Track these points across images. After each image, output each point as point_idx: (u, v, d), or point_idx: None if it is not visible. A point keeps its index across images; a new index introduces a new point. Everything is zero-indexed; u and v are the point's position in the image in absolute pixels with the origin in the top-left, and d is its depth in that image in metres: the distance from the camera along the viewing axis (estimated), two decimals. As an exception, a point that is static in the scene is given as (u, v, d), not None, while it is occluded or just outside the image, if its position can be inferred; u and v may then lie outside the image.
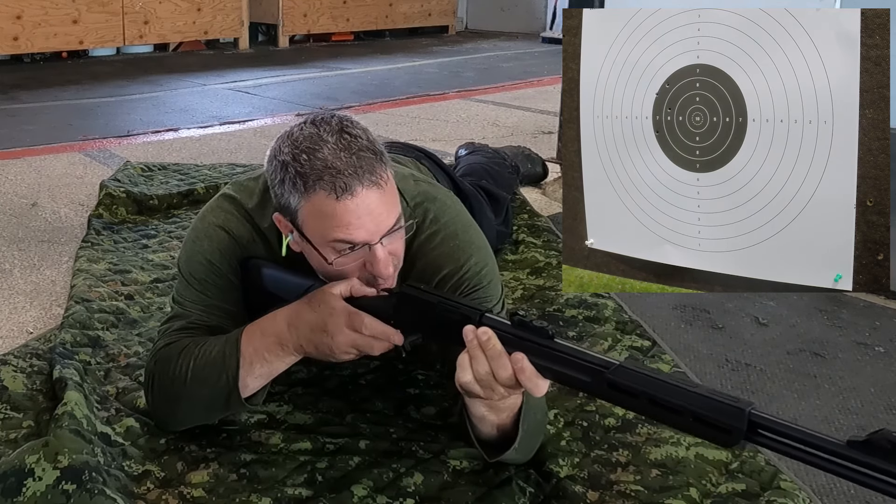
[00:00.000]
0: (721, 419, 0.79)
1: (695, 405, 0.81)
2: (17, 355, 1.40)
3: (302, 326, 1.07)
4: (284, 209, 1.07)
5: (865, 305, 1.72)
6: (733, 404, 0.79)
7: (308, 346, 1.07)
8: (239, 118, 3.59)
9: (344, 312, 1.04)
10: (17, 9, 4.68)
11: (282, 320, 1.09)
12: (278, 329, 1.09)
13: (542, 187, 2.54)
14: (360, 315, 1.04)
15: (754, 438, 0.78)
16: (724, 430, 0.79)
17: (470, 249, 1.18)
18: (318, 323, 1.05)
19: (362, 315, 1.03)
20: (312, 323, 1.06)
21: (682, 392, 0.82)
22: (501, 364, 0.93)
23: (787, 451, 0.76)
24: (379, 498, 1.07)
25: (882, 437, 0.70)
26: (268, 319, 1.11)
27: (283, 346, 1.08)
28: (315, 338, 1.06)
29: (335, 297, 1.05)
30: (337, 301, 1.05)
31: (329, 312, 1.04)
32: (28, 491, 0.98)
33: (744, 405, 0.78)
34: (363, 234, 1.03)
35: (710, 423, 0.80)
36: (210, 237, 1.18)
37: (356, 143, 1.04)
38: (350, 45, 6.39)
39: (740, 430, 0.78)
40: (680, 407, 0.82)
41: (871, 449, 0.70)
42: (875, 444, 0.70)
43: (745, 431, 0.77)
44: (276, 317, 1.10)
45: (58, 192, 2.44)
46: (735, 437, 0.78)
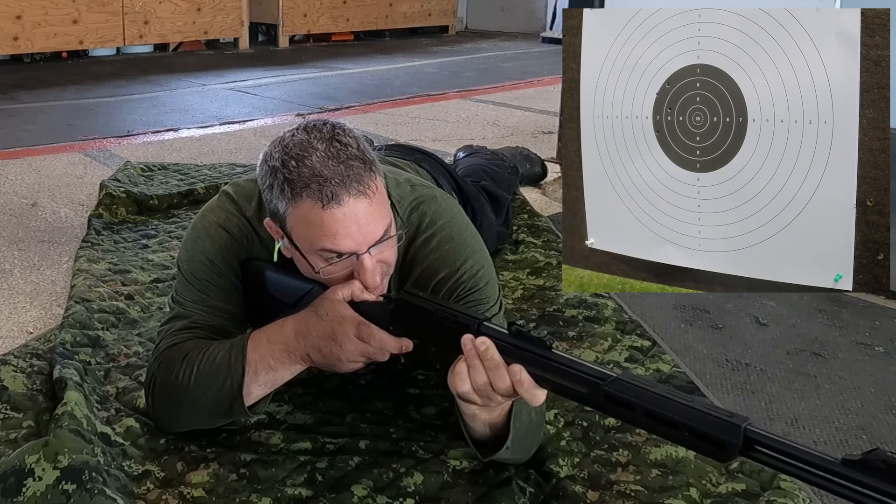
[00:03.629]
0: (717, 434, 0.79)
1: (691, 419, 0.81)
2: (17, 355, 1.40)
3: (310, 335, 1.06)
4: (274, 215, 1.07)
5: (865, 305, 1.72)
6: (729, 420, 0.79)
7: (315, 354, 1.07)
8: (239, 118, 3.59)
9: (353, 322, 1.04)
10: (17, 9, 4.68)
11: (289, 328, 1.08)
12: (285, 337, 1.08)
13: (542, 187, 2.54)
14: (368, 325, 1.03)
15: (749, 454, 0.78)
16: (719, 445, 0.79)
17: (466, 252, 1.18)
18: (326, 331, 1.05)
19: (371, 326, 1.03)
20: (321, 331, 1.05)
21: (678, 406, 0.82)
22: (499, 375, 0.94)
23: (782, 467, 0.77)
24: (379, 498, 1.07)
25: (876, 456, 0.71)
26: (275, 327, 1.10)
27: (290, 354, 1.08)
28: (323, 346, 1.05)
29: (344, 305, 1.05)
30: (346, 310, 1.05)
31: (338, 321, 1.04)
32: (28, 491, 0.98)
33: (739, 420, 0.79)
34: (350, 244, 1.03)
35: (705, 438, 0.80)
36: (211, 236, 1.18)
37: (346, 151, 1.03)
38: (350, 45, 6.39)
39: (735, 445, 0.78)
40: (676, 421, 0.82)
41: (866, 468, 0.71)
42: (870, 463, 0.71)
43: (740, 447, 0.78)
44: (283, 324, 1.09)
45: (58, 192, 2.44)
46: (730, 453, 0.79)
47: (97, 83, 4.38)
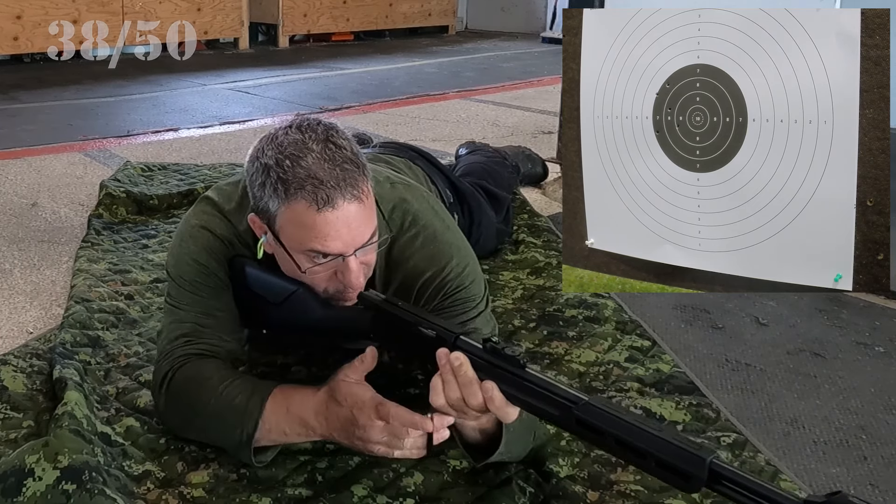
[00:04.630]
0: (683, 466, 0.80)
1: (659, 450, 0.82)
2: (17, 355, 1.40)
3: (331, 419, 1.05)
4: (262, 212, 1.07)
5: (865, 305, 1.72)
6: (695, 452, 0.80)
7: (340, 436, 1.05)
8: (239, 118, 3.59)
9: (371, 404, 1.02)
10: (17, 9, 4.68)
11: (310, 406, 1.06)
12: (305, 414, 1.06)
13: (542, 187, 2.54)
14: (385, 405, 1.01)
15: (714, 487, 0.79)
16: (684, 477, 0.80)
17: (450, 251, 1.18)
18: (347, 417, 1.03)
19: (388, 404, 1.01)
20: (342, 417, 1.04)
21: (646, 436, 0.83)
22: (472, 392, 0.94)
23: (745, 502, 0.77)
24: (379, 498, 1.07)
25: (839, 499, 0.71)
26: (297, 396, 1.08)
27: (308, 431, 1.07)
28: (347, 430, 1.04)
29: (361, 387, 1.04)
30: (365, 392, 1.03)
31: (358, 406, 1.02)
32: (28, 491, 0.98)
33: (705, 454, 0.80)
34: (339, 246, 1.03)
35: (672, 469, 0.81)
36: (195, 237, 1.18)
37: (341, 154, 1.03)
38: (350, 45, 6.39)
39: (700, 478, 0.79)
40: (644, 450, 0.83)
41: None
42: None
43: (705, 480, 0.79)
44: (304, 399, 1.07)
45: (58, 192, 2.44)
46: (694, 485, 0.80)
47: (97, 83, 4.38)
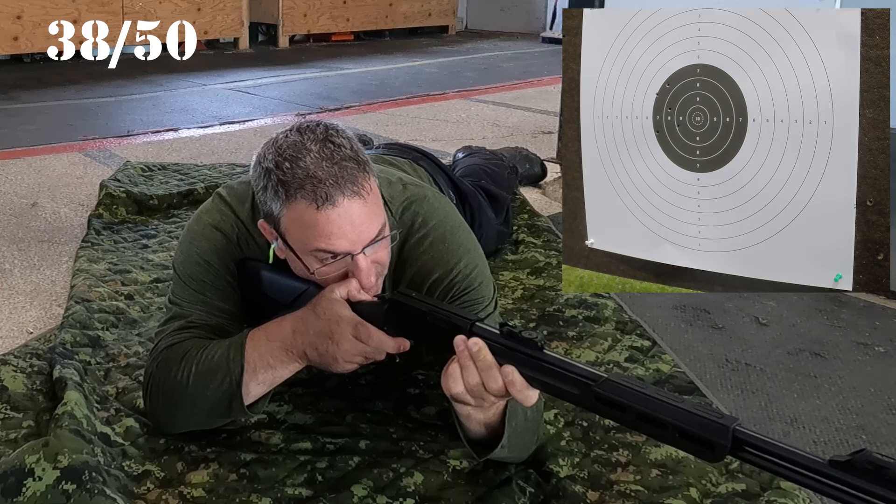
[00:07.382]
0: (706, 435, 0.80)
1: (681, 420, 0.82)
2: (17, 355, 1.40)
3: (307, 333, 1.06)
4: (268, 216, 1.07)
5: (865, 305, 1.72)
6: (718, 421, 0.80)
7: (312, 352, 1.07)
8: (239, 118, 3.59)
9: (350, 321, 1.04)
10: (17, 9, 4.68)
11: (287, 326, 1.08)
12: (284, 335, 1.08)
13: (542, 187, 2.54)
14: (366, 326, 1.03)
15: (738, 454, 0.79)
16: (708, 445, 0.80)
17: (460, 252, 1.18)
18: (323, 330, 1.05)
19: (368, 326, 1.03)
20: (318, 330, 1.05)
21: (668, 407, 0.83)
22: (492, 376, 0.94)
23: (770, 467, 0.77)
24: (379, 498, 1.07)
25: (863, 457, 0.72)
26: (273, 325, 1.10)
27: (288, 352, 1.08)
28: (320, 345, 1.05)
29: (341, 304, 1.05)
30: (344, 309, 1.05)
31: (336, 320, 1.04)
32: (28, 491, 0.98)
33: (728, 422, 0.80)
34: (344, 244, 1.03)
35: (695, 439, 0.81)
36: (206, 237, 1.18)
37: (339, 152, 1.04)
38: (350, 45, 6.39)
39: (724, 446, 0.79)
40: (666, 422, 0.83)
41: (853, 469, 0.72)
42: (856, 464, 0.72)
43: (728, 447, 0.79)
44: (281, 323, 1.09)
45: (58, 192, 2.44)
46: (719, 453, 0.80)
47: (97, 83, 4.38)
